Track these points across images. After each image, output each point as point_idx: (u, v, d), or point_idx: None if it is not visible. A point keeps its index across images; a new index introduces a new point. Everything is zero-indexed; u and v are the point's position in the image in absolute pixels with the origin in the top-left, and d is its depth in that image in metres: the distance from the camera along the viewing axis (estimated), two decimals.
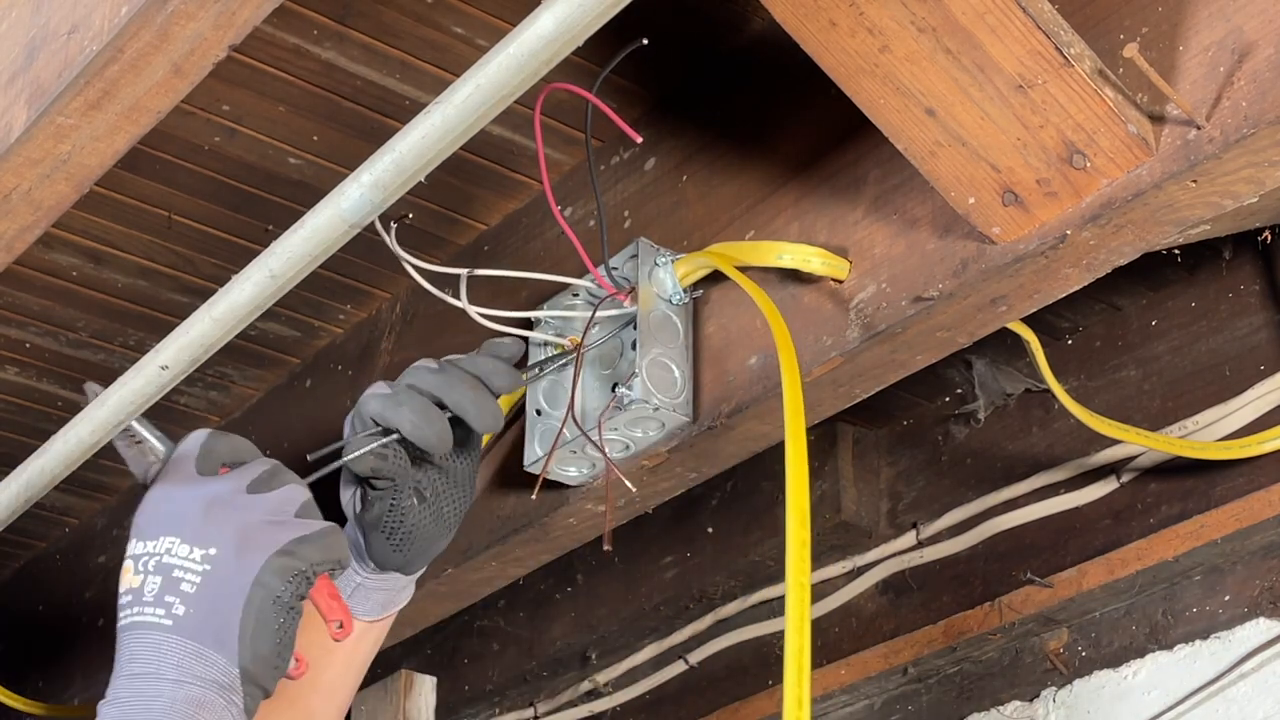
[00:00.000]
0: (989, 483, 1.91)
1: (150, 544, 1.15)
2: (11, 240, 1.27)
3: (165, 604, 1.12)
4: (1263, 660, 1.67)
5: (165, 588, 1.13)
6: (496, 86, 1.04)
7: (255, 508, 1.17)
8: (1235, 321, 1.76)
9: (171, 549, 1.14)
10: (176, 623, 1.12)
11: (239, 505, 1.17)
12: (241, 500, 1.18)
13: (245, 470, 1.21)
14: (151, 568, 1.14)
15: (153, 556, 1.15)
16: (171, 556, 1.14)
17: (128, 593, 1.14)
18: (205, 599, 1.13)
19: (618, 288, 1.45)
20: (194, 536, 1.14)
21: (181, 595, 1.13)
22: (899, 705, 1.98)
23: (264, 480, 1.20)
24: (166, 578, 1.13)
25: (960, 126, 1.19)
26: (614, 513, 1.54)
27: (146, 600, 1.13)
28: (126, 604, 1.14)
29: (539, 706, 2.32)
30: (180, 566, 1.14)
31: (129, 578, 1.14)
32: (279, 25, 1.55)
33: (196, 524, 1.15)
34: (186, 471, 1.20)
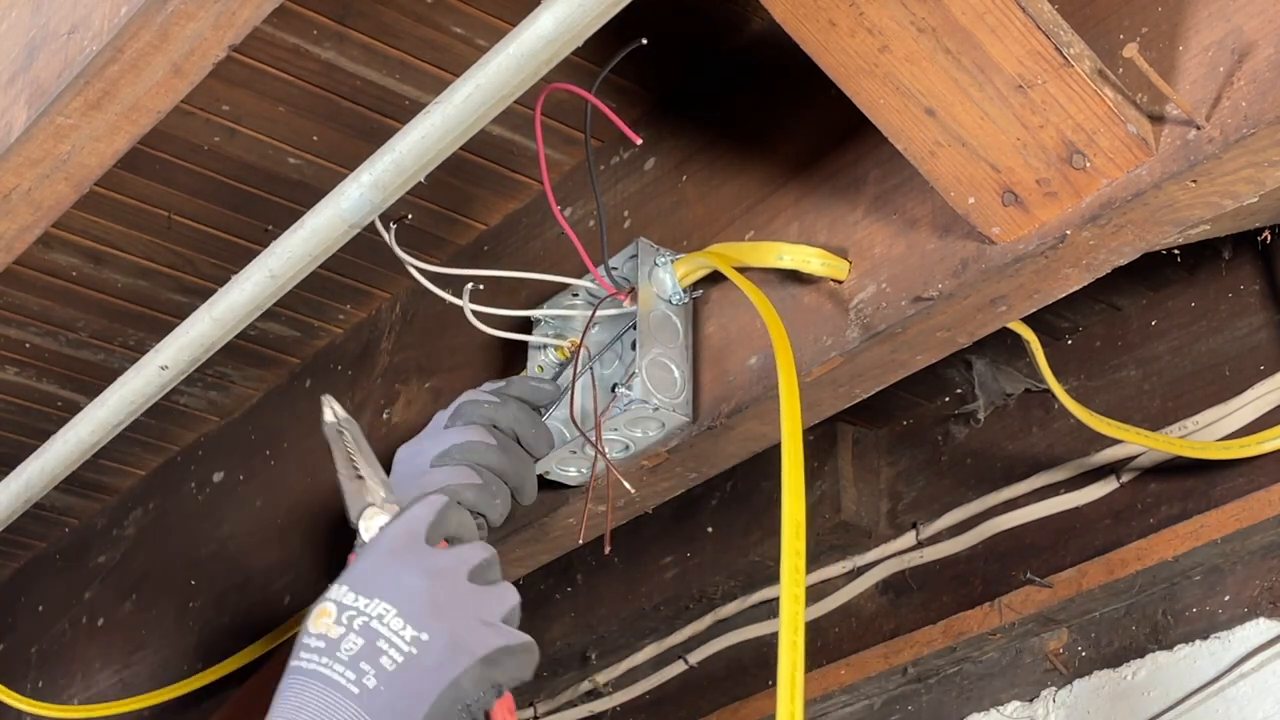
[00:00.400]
0: (989, 483, 1.91)
1: (363, 601, 1.12)
2: (11, 240, 1.27)
3: (359, 670, 1.09)
4: (1263, 660, 1.67)
5: (364, 654, 1.10)
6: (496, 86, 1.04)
7: (472, 603, 1.15)
8: (1235, 321, 1.76)
9: (384, 617, 1.11)
10: (363, 694, 1.08)
11: (460, 595, 1.14)
12: (463, 590, 1.15)
13: (467, 553, 1.18)
14: (357, 627, 1.11)
15: (361, 615, 1.11)
16: (382, 625, 1.11)
17: (320, 638, 1.11)
18: (400, 682, 1.09)
19: (618, 288, 1.45)
20: (411, 615, 1.11)
21: (378, 669, 1.09)
22: (899, 705, 1.98)
23: (483, 570, 1.18)
24: (370, 645, 1.10)
25: (960, 126, 1.19)
26: (614, 513, 1.54)
27: (341, 658, 1.09)
28: (316, 649, 1.10)
29: (539, 706, 2.32)
30: (388, 639, 1.11)
31: (327, 623, 1.11)
32: (279, 25, 1.55)
33: (417, 603, 1.12)
34: (415, 538, 1.18)
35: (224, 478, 2.08)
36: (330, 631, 1.11)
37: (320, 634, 1.11)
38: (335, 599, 1.12)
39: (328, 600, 1.13)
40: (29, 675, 2.29)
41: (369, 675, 1.09)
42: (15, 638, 2.36)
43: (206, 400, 2.09)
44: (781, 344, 1.25)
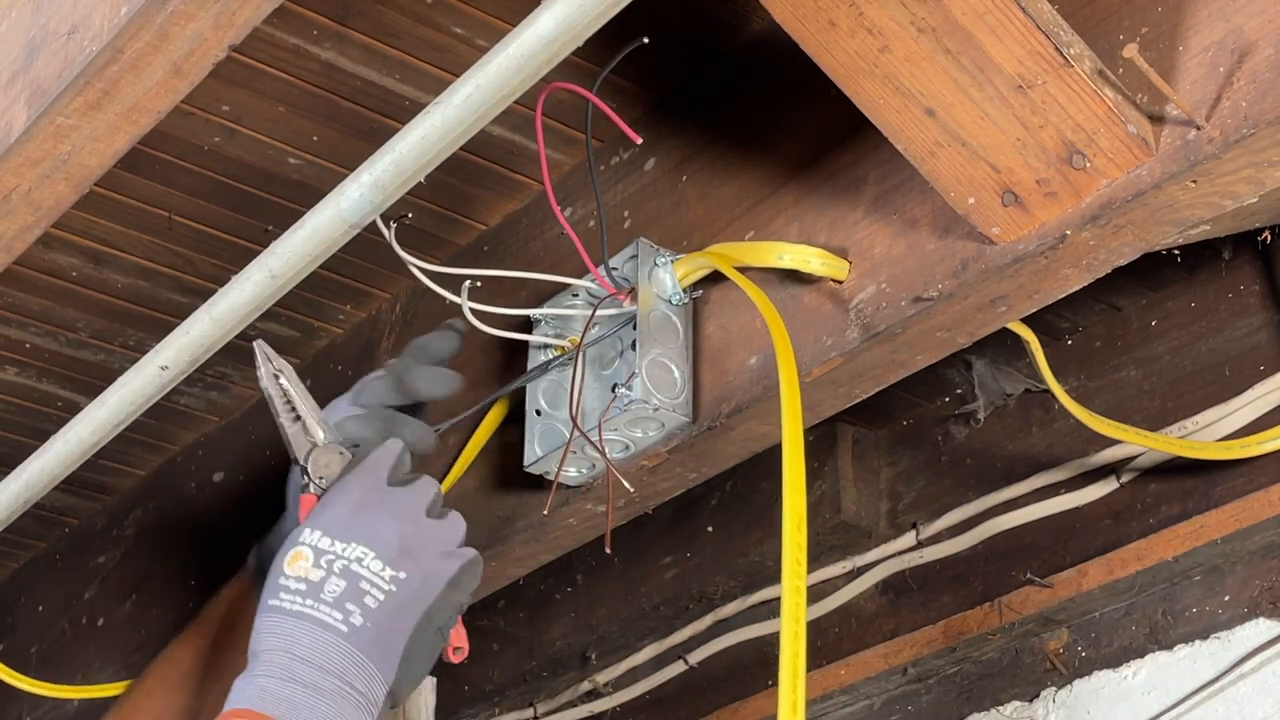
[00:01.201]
0: (989, 483, 1.91)
1: (341, 546, 1.21)
2: (11, 240, 1.27)
3: (345, 610, 1.18)
4: (1263, 660, 1.67)
5: (348, 594, 1.18)
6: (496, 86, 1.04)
7: (434, 537, 1.25)
8: (1235, 321, 1.76)
9: (363, 560, 1.20)
10: (351, 631, 1.17)
11: (423, 532, 1.24)
12: (425, 526, 1.25)
13: (421, 490, 1.28)
14: (338, 570, 1.19)
15: (340, 559, 1.20)
16: (362, 568, 1.20)
17: (301, 581, 1.18)
18: (383, 618, 1.18)
19: (618, 288, 1.46)
20: (388, 557, 1.20)
21: (363, 608, 1.18)
22: (899, 705, 1.98)
23: (435, 503, 1.28)
24: (352, 586, 1.19)
25: (960, 127, 1.19)
26: (614, 513, 1.54)
27: (325, 600, 1.18)
28: (298, 591, 1.18)
29: (539, 707, 2.32)
30: (369, 580, 1.19)
31: (305, 567, 1.19)
32: (279, 25, 1.55)
33: (392, 545, 1.21)
34: (379, 482, 1.27)
35: (224, 478, 2.08)
36: (310, 575, 1.19)
37: (300, 577, 1.19)
38: (310, 544, 1.21)
39: (302, 545, 1.21)
40: (29, 675, 2.29)
41: (355, 614, 1.18)
42: (15, 638, 2.36)
43: (206, 400, 2.09)
44: (782, 343, 1.25)
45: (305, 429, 1.34)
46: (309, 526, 1.23)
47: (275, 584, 1.20)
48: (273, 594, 1.19)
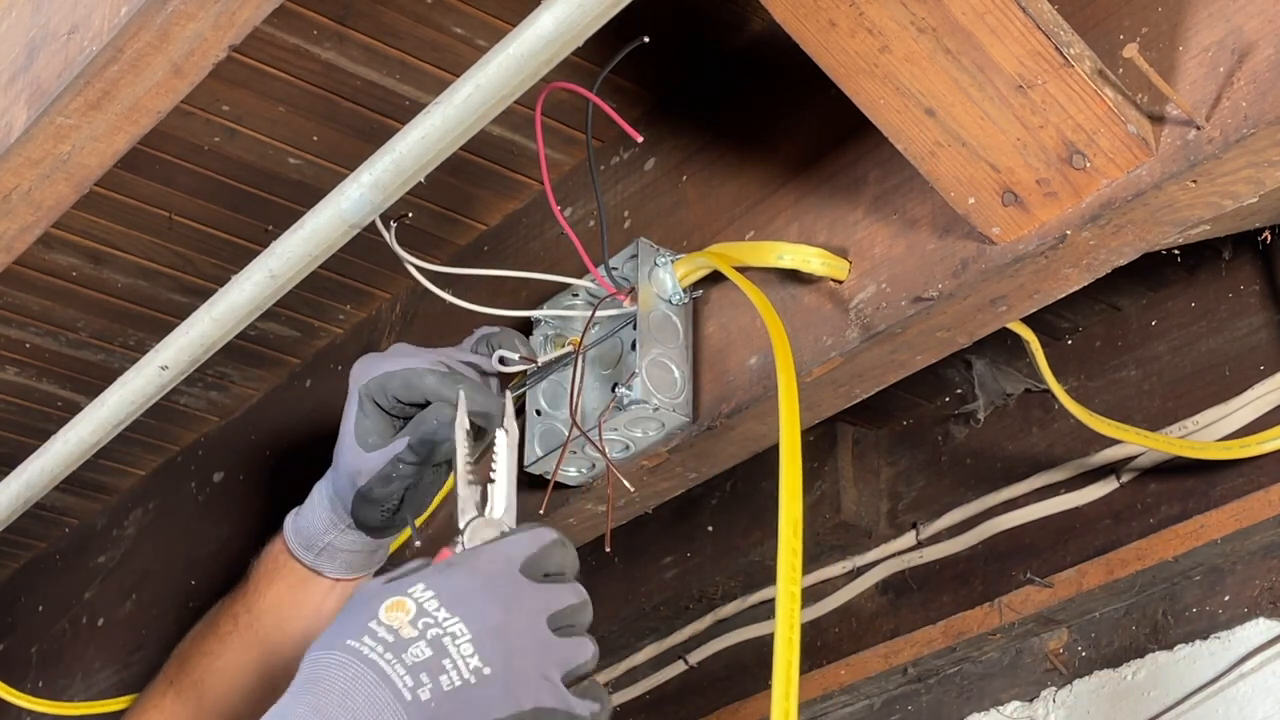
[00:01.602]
0: (989, 483, 1.91)
1: (444, 615, 1.08)
2: (11, 240, 1.27)
3: (418, 680, 1.06)
4: (1263, 660, 1.67)
5: (428, 666, 1.06)
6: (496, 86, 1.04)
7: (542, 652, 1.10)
8: (1235, 321, 1.76)
9: (457, 639, 1.08)
10: (414, 703, 1.05)
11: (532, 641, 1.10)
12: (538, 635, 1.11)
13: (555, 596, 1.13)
14: (430, 636, 1.07)
15: (436, 626, 1.08)
16: (454, 645, 1.08)
17: (392, 633, 1.07)
18: (449, 705, 1.06)
19: (618, 288, 1.45)
20: (483, 646, 1.08)
21: (435, 686, 1.06)
22: (899, 705, 1.98)
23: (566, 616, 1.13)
24: (435, 660, 1.07)
25: (960, 127, 1.19)
26: (614, 513, 1.54)
27: (405, 660, 1.06)
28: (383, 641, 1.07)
29: None
30: (454, 661, 1.07)
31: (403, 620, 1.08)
32: (279, 25, 1.55)
33: (490, 635, 1.08)
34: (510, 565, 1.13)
35: (224, 478, 2.08)
36: (403, 630, 1.08)
37: (392, 628, 1.08)
38: (417, 600, 1.09)
39: (408, 597, 1.10)
40: (29, 675, 2.29)
41: (425, 688, 1.06)
42: (15, 638, 2.36)
43: (206, 400, 2.09)
44: (781, 343, 1.25)
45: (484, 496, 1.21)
46: (423, 582, 1.10)
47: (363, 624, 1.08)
48: (356, 633, 1.08)
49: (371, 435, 1.40)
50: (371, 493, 1.41)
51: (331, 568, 1.47)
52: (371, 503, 1.41)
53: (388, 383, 1.39)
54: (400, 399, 1.40)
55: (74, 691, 2.20)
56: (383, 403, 1.40)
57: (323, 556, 1.47)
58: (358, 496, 1.42)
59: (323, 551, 1.46)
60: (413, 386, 1.38)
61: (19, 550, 2.40)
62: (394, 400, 1.40)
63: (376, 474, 1.40)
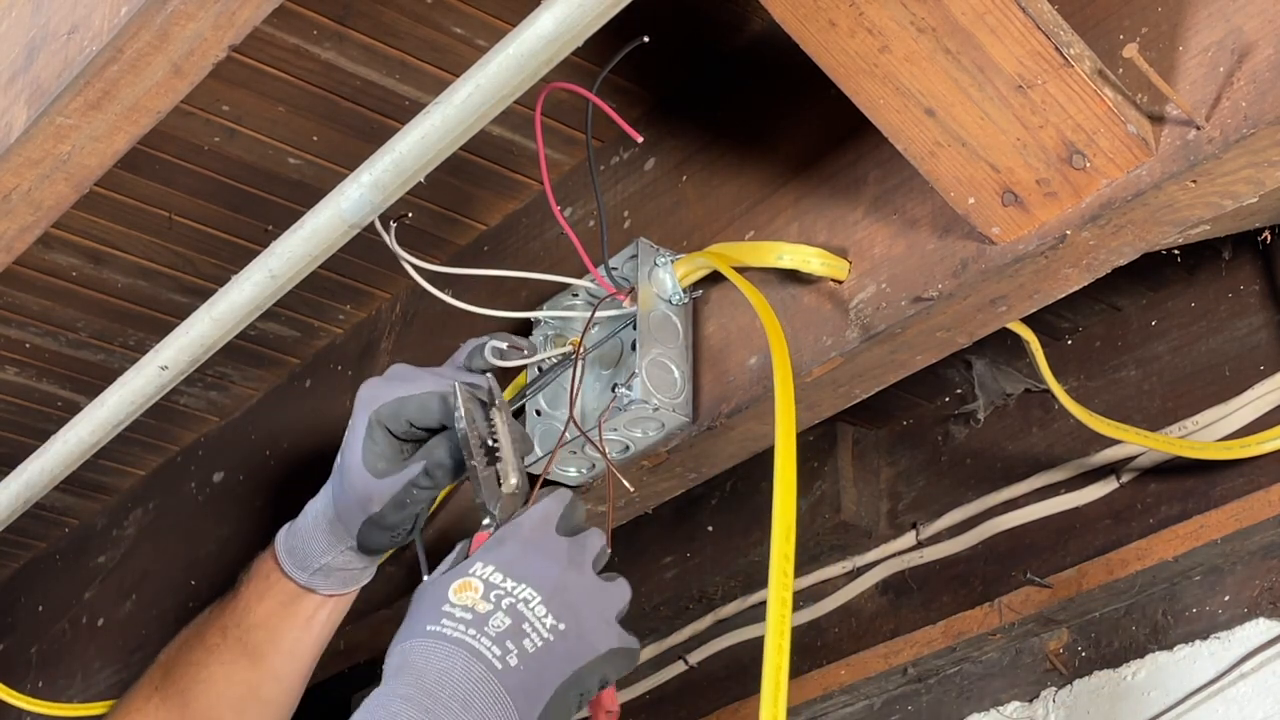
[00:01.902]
0: (989, 483, 1.91)
1: (511, 584, 1.19)
2: (11, 240, 1.27)
3: (505, 648, 1.16)
4: (1263, 660, 1.67)
5: (511, 633, 1.16)
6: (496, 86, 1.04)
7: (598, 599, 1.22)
8: (1235, 321, 1.76)
9: (530, 602, 1.18)
10: (506, 671, 1.15)
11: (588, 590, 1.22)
12: (590, 585, 1.23)
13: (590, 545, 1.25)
14: (505, 606, 1.18)
15: (508, 596, 1.18)
16: (529, 609, 1.18)
17: (468, 611, 1.17)
18: (536, 665, 1.16)
19: (618, 288, 1.45)
20: (553, 604, 1.19)
21: (521, 650, 1.16)
22: (899, 705, 1.98)
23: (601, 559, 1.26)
24: (516, 625, 1.17)
25: (960, 127, 1.19)
26: (614, 513, 1.54)
27: (489, 633, 1.16)
28: (463, 620, 1.16)
29: None
30: (532, 623, 1.18)
31: (474, 598, 1.17)
32: (279, 25, 1.55)
33: (558, 594, 1.19)
34: (548, 527, 1.24)
35: (224, 478, 2.08)
36: (478, 606, 1.17)
37: (468, 606, 1.17)
38: (482, 576, 1.19)
39: (472, 576, 1.19)
40: (29, 675, 2.29)
41: (513, 654, 1.16)
42: (15, 638, 2.36)
43: (206, 400, 2.09)
44: (778, 345, 1.25)
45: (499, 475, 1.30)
46: (481, 560, 1.20)
47: (437, 609, 1.17)
48: (433, 619, 1.17)
49: (381, 461, 1.40)
50: (384, 519, 1.40)
51: (325, 585, 1.47)
52: (383, 529, 1.41)
53: (402, 409, 1.39)
54: (416, 424, 1.39)
55: (74, 692, 2.20)
56: (395, 429, 1.40)
57: (317, 576, 1.46)
58: (368, 523, 1.41)
59: (318, 572, 1.46)
60: (429, 411, 1.38)
61: (19, 550, 2.40)
62: (408, 426, 1.39)
63: (390, 500, 1.39)
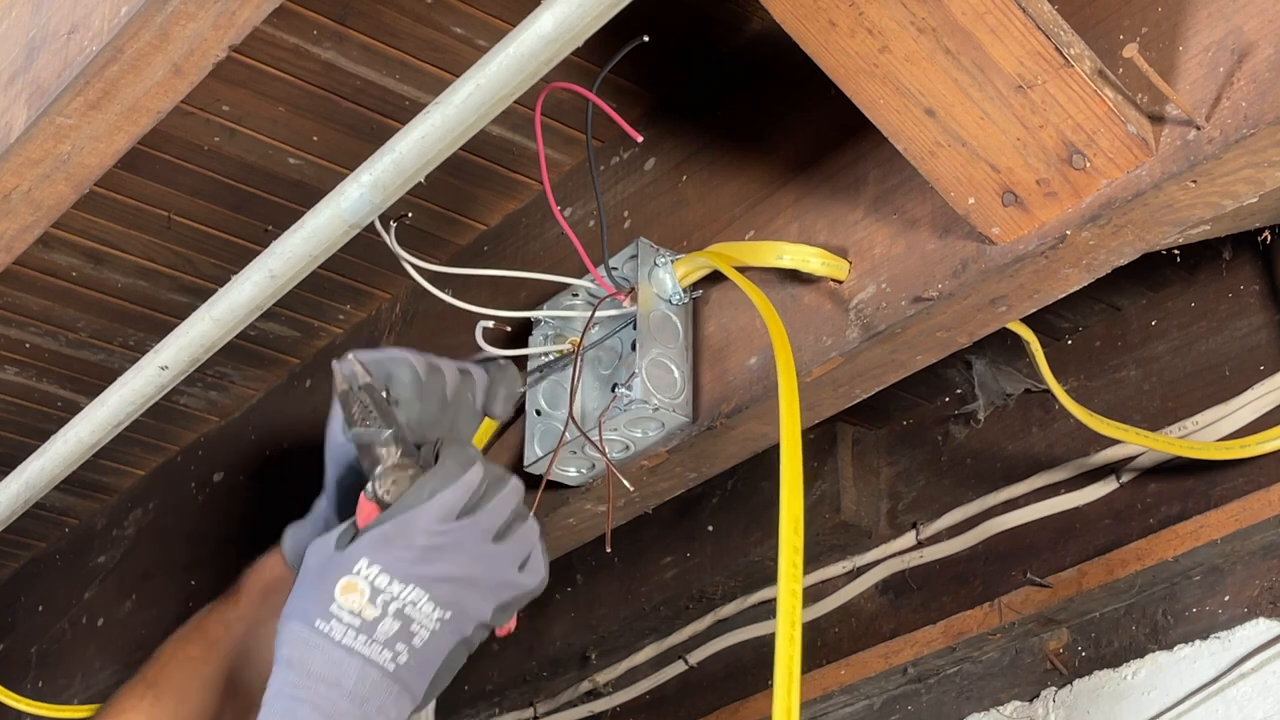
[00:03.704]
0: (989, 483, 1.91)
1: (399, 587, 1.19)
2: (11, 240, 1.27)
3: (395, 650, 1.18)
4: (1263, 660, 1.67)
5: (399, 635, 1.18)
6: (496, 86, 1.04)
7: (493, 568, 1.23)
8: (1235, 321, 1.76)
9: (418, 603, 1.19)
10: (397, 670, 1.18)
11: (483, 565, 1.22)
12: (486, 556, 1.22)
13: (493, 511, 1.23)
14: (392, 611, 1.19)
15: (396, 600, 1.19)
16: (415, 610, 1.19)
17: (355, 616, 1.18)
18: (424, 652, 1.19)
19: (618, 288, 1.45)
20: (439, 598, 1.20)
21: (409, 647, 1.19)
22: (899, 705, 1.98)
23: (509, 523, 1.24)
24: (404, 628, 1.18)
25: (960, 127, 1.19)
26: (614, 513, 1.54)
27: (378, 640, 1.18)
28: (351, 626, 1.18)
29: (539, 706, 2.32)
30: (419, 623, 1.19)
31: (360, 602, 1.18)
32: (279, 25, 1.55)
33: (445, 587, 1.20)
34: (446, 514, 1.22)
35: (224, 478, 2.08)
36: (365, 612, 1.18)
37: (354, 612, 1.18)
38: (368, 579, 1.19)
39: (358, 576, 1.19)
40: (29, 675, 2.29)
41: (402, 654, 1.18)
42: (15, 638, 2.36)
43: (206, 400, 2.09)
44: (781, 343, 1.25)
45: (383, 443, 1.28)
46: (367, 558, 1.19)
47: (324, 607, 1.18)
48: (322, 616, 1.18)
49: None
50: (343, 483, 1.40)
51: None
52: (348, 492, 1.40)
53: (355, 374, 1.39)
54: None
55: (74, 692, 2.20)
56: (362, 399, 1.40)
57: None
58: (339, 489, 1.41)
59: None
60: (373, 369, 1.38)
61: (19, 550, 2.40)
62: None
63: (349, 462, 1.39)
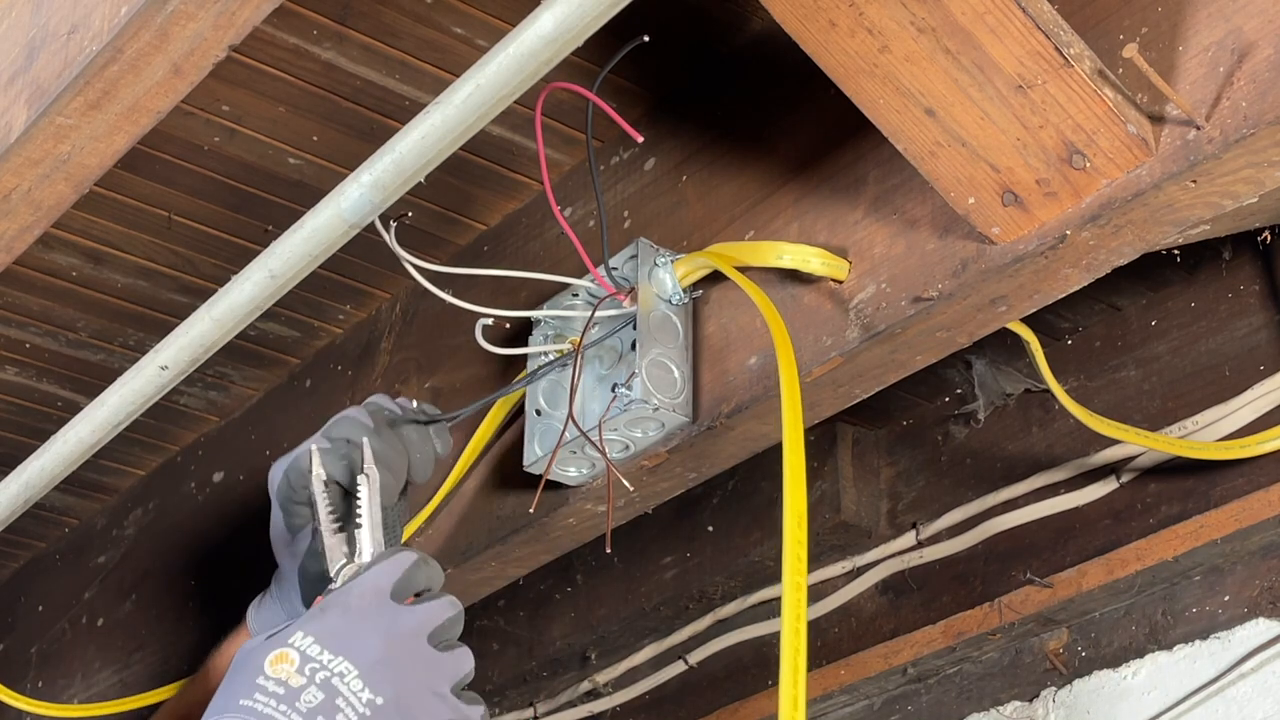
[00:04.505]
0: (989, 483, 1.91)
1: (327, 656, 1.15)
2: (11, 240, 1.27)
3: None
4: (1263, 660, 1.67)
5: (323, 709, 1.12)
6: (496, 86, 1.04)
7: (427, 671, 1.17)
8: (1235, 321, 1.76)
9: (345, 676, 1.14)
10: None
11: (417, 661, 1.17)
12: (421, 656, 1.17)
13: (431, 613, 1.19)
14: (319, 681, 1.13)
15: (323, 670, 1.14)
16: (343, 684, 1.14)
17: (281, 685, 1.13)
18: None
19: (618, 288, 1.45)
20: (370, 678, 1.14)
21: None
22: (899, 705, 1.98)
23: (444, 630, 1.19)
24: (329, 701, 1.13)
25: (960, 127, 1.19)
26: (614, 513, 1.54)
27: (300, 709, 1.12)
28: (275, 694, 1.12)
29: (539, 706, 2.32)
30: (346, 700, 1.13)
31: (289, 671, 1.13)
32: (279, 25, 1.55)
33: (377, 666, 1.15)
34: (381, 595, 1.19)
35: (224, 478, 2.08)
36: (291, 680, 1.13)
37: (281, 680, 1.13)
38: (299, 648, 1.15)
39: (290, 647, 1.15)
40: (29, 675, 2.29)
41: None
42: (15, 638, 2.36)
43: (206, 400, 2.09)
44: (783, 343, 1.25)
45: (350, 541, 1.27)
46: (301, 630, 1.16)
47: (251, 681, 1.14)
48: (246, 691, 1.13)
49: (296, 520, 1.40)
50: (308, 570, 1.39)
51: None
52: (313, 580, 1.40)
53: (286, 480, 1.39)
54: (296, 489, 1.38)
55: (74, 692, 2.20)
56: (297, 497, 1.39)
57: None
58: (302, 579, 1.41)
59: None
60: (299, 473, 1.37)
61: (19, 550, 2.40)
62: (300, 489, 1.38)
63: (307, 551, 1.39)
